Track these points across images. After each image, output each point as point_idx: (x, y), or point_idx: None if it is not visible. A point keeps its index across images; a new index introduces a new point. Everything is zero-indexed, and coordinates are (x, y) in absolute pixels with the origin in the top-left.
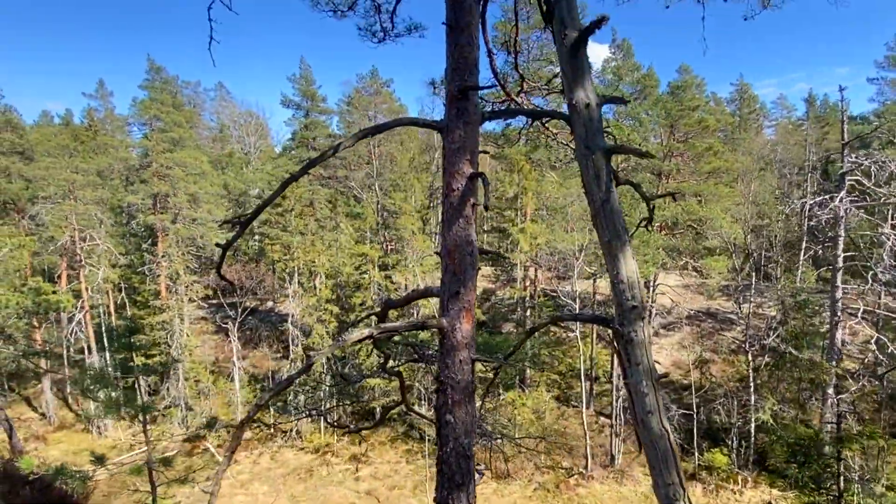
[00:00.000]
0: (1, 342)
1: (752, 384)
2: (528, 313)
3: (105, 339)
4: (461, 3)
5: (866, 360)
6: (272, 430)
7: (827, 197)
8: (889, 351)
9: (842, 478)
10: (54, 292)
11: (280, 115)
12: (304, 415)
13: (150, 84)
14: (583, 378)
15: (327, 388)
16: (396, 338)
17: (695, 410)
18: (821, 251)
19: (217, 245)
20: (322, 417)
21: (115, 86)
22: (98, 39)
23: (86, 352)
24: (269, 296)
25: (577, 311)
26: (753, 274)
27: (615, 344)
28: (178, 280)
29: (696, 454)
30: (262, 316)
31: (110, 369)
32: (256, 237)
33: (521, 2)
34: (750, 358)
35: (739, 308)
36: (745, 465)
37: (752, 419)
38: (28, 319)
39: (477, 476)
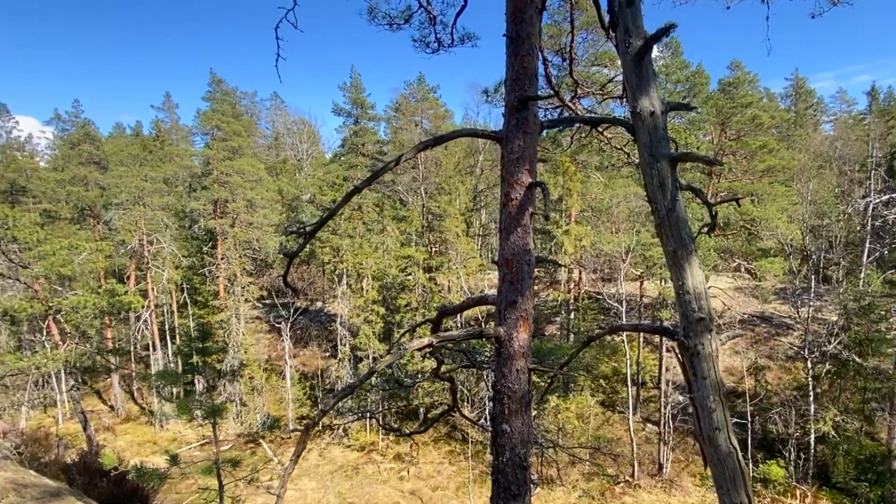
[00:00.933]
0: (77, 340)
1: (811, 393)
2: (571, 316)
3: (168, 337)
4: (522, 15)
5: None
6: (321, 428)
7: (894, 195)
8: None
9: None
10: (125, 293)
11: (331, 123)
12: (357, 416)
13: (211, 96)
14: (629, 383)
15: (376, 390)
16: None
17: (749, 419)
18: (887, 252)
19: (284, 255)
20: (371, 418)
21: (181, 98)
22: (165, 54)
23: (150, 348)
24: (319, 296)
25: (638, 321)
26: (812, 276)
27: (679, 356)
28: (236, 281)
29: (751, 465)
30: (312, 316)
31: (172, 366)
32: (297, 235)
33: (572, 7)
34: (809, 365)
35: (797, 312)
36: (804, 478)
37: (812, 430)
38: (102, 319)
39: (532, 486)
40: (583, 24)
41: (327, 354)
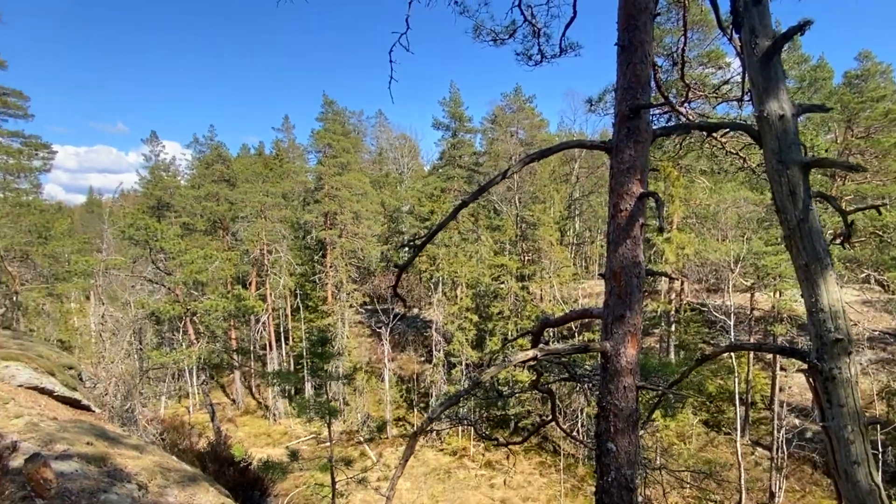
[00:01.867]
0: (208, 339)
1: None
2: (672, 328)
3: (282, 338)
4: (635, 23)
5: None
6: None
7: None
8: None
9: None
10: (248, 298)
11: (430, 137)
12: (453, 423)
13: (324, 116)
14: (737, 402)
15: (472, 397)
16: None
17: (880, 449)
18: None
19: (395, 266)
20: (468, 425)
21: (297, 119)
22: (284, 81)
23: (267, 348)
24: (416, 303)
25: (749, 336)
26: None
27: (811, 381)
28: (342, 288)
29: None
30: (409, 322)
31: (285, 365)
32: (406, 248)
33: (685, 9)
34: None
35: None
36: None
37: None
38: (229, 321)
39: None
40: (689, 23)
41: (423, 359)
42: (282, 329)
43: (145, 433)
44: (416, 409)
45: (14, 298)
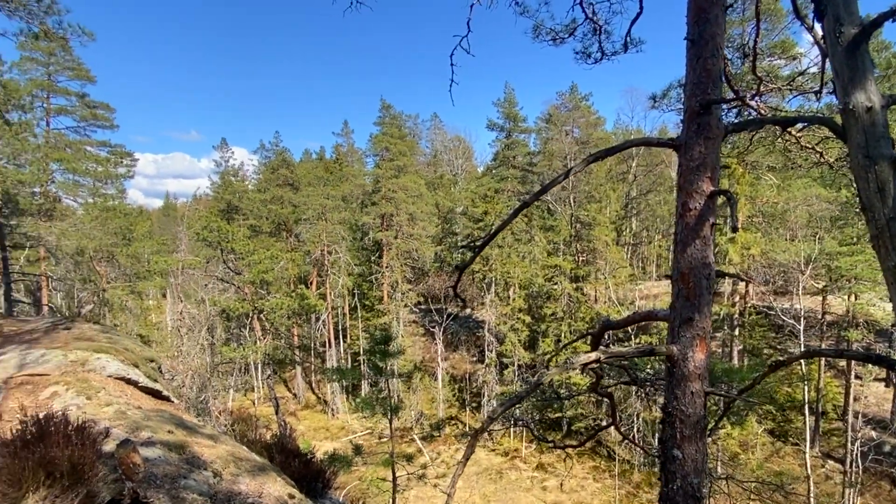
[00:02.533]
0: (272, 336)
1: None
2: (736, 332)
3: (341, 336)
4: (706, 16)
5: None
6: (470, 431)
7: None
8: None
9: None
10: (310, 297)
11: (484, 138)
12: (508, 424)
13: (381, 120)
14: (806, 412)
15: (528, 399)
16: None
17: None
18: None
19: (456, 268)
20: (523, 426)
21: (356, 124)
22: (344, 87)
23: (326, 345)
24: (469, 303)
25: (821, 342)
26: None
27: None
28: (397, 287)
29: None
30: (462, 322)
31: (343, 362)
32: (461, 250)
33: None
34: None
35: None
36: None
37: None
38: (292, 319)
39: None
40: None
41: (475, 359)
42: (340, 327)
43: (218, 423)
44: (468, 409)
45: (101, 295)
